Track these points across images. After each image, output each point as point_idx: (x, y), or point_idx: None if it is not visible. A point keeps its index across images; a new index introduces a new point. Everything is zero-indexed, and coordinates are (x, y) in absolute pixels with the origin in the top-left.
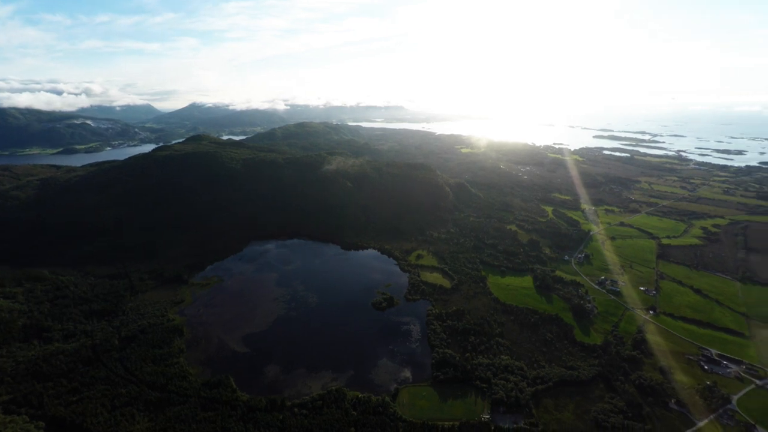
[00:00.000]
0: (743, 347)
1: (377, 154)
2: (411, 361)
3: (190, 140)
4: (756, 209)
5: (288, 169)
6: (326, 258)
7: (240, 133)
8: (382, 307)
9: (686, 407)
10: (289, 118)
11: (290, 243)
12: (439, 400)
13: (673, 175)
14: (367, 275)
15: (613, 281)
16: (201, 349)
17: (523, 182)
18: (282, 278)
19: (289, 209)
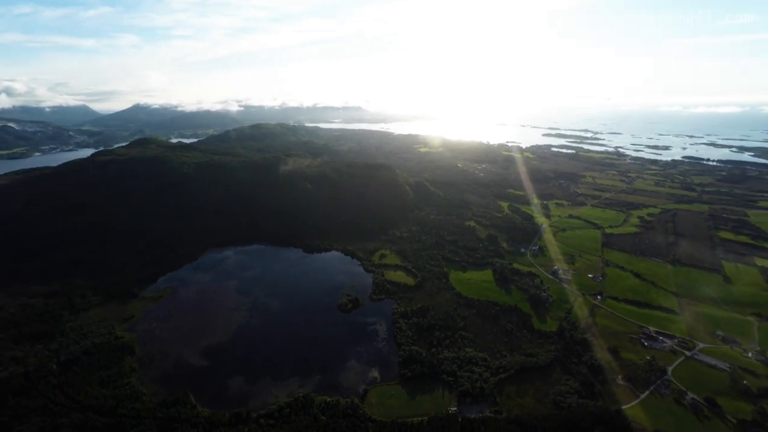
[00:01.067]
0: (675, 323)
1: (337, 154)
2: (378, 360)
3: (135, 144)
4: (682, 198)
5: (244, 172)
6: (288, 262)
7: (191, 136)
8: (348, 308)
9: (631, 382)
10: (244, 120)
11: (250, 249)
12: (407, 397)
13: (613, 170)
14: (330, 277)
15: (565, 270)
16: (156, 367)
17: (479, 180)
18: (242, 285)
19: (247, 214)
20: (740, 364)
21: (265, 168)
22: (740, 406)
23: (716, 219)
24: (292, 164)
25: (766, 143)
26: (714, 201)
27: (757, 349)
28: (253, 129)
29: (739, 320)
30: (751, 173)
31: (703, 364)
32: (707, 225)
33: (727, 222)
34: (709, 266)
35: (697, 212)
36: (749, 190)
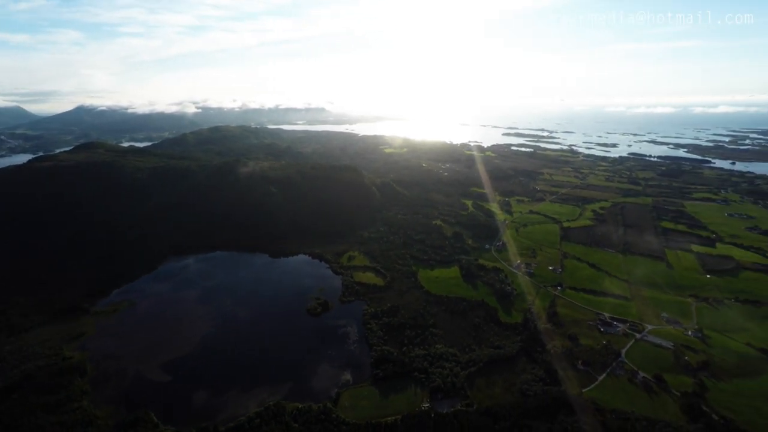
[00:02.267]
0: (627, 308)
1: (301, 157)
2: (351, 362)
3: (80, 148)
4: (629, 192)
5: (204, 176)
6: (254, 268)
7: (144, 140)
8: (317, 312)
9: (590, 366)
10: (202, 122)
11: (212, 256)
12: (380, 398)
13: (568, 166)
14: (299, 282)
15: (527, 264)
16: (111, 386)
17: (444, 179)
18: (205, 295)
19: (209, 220)
20: (682, 342)
21: (226, 172)
22: (683, 380)
23: (658, 210)
24: (254, 167)
25: (697, 140)
26: (656, 194)
27: (695, 327)
28: (212, 132)
29: (680, 302)
30: (686, 168)
31: (651, 345)
32: (651, 216)
33: (668, 213)
34: (654, 254)
35: (642, 205)
36: (685, 183)
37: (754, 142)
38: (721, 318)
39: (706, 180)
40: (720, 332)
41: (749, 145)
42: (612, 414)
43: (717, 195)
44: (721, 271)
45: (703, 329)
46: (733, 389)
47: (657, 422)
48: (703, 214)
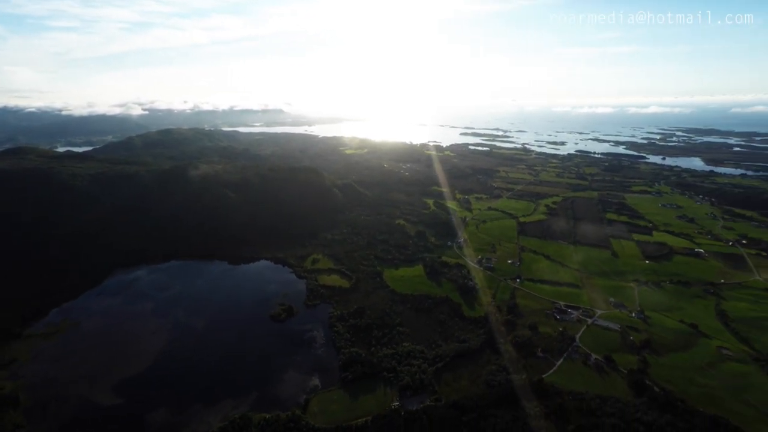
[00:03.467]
0: (579, 296)
1: (259, 159)
2: (318, 367)
3: (6, 154)
4: (577, 187)
5: (154, 182)
6: (212, 276)
7: (83, 144)
8: (282, 318)
9: (548, 353)
10: (149, 125)
11: (166, 266)
12: (350, 400)
13: (522, 164)
14: (261, 288)
15: (488, 259)
16: (52, 416)
17: (405, 179)
18: (160, 307)
19: (161, 228)
20: (627, 324)
21: (178, 176)
22: (628, 359)
23: (604, 203)
24: (209, 171)
25: (633, 138)
26: (601, 188)
27: (638, 309)
28: (162, 135)
29: (625, 287)
30: (625, 163)
31: (601, 328)
32: (597, 209)
33: (612, 205)
34: (600, 244)
35: (589, 198)
36: (625, 177)
37: (679, 139)
38: (659, 299)
39: (643, 174)
40: (658, 312)
41: (676, 142)
42: (569, 396)
43: (652, 188)
44: (657, 257)
45: (644, 310)
46: (671, 363)
47: (608, 399)
48: (641, 205)
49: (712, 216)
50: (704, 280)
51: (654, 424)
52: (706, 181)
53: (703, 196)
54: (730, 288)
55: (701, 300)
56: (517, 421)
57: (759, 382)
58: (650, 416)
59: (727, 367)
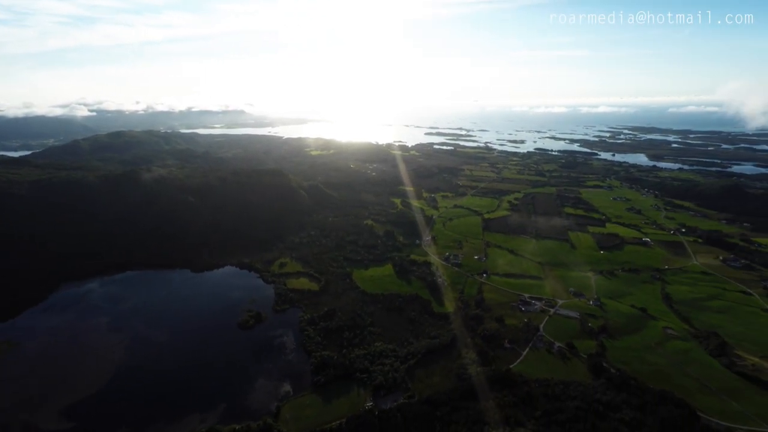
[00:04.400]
0: (542, 287)
1: (221, 162)
2: (289, 373)
3: None
4: (537, 183)
5: (106, 188)
6: (174, 286)
7: (20, 148)
8: (250, 325)
9: (515, 343)
10: (98, 128)
11: (122, 277)
12: (323, 404)
13: (485, 162)
14: (227, 295)
15: (455, 255)
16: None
17: (372, 179)
18: (116, 321)
19: (115, 237)
20: (586, 311)
21: (133, 182)
22: (588, 344)
23: (561, 198)
24: (167, 175)
25: (586, 136)
26: (558, 183)
27: (595, 297)
28: (112, 138)
29: (583, 277)
30: (580, 160)
31: (563, 317)
32: (556, 203)
33: (569, 200)
34: (560, 237)
35: (548, 194)
36: (580, 173)
37: (626, 137)
38: (613, 286)
39: (595, 170)
40: (612, 299)
41: (623, 140)
42: (535, 383)
43: (604, 182)
44: (610, 247)
45: (600, 298)
46: (624, 345)
47: (571, 384)
48: (595, 199)
49: (656, 207)
50: (651, 267)
51: (611, 403)
52: (650, 175)
53: (648, 189)
54: (673, 273)
55: (649, 285)
56: (488, 412)
57: (698, 357)
58: (608, 396)
59: (672, 345)
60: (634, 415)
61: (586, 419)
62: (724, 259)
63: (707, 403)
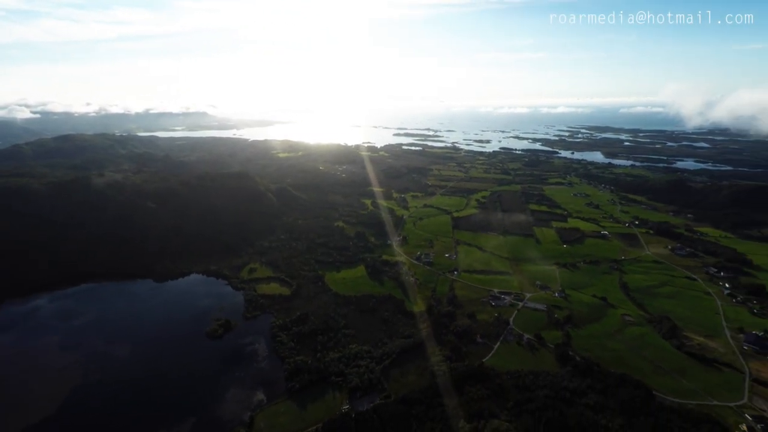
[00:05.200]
0: (510, 282)
1: (184, 166)
2: (262, 381)
3: None
4: (503, 181)
5: (55, 196)
6: (135, 297)
7: None
8: (219, 334)
9: (486, 338)
10: (42, 130)
11: (75, 291)
12: (298, 410)
13: (453, 162)
14: (194, 304)
15: (426, 254)
16: None
17: (342, 180)
18: (69, 339)
19: (66, 249)
20: (552, 303)
21: (84, 188)
22: (555, 334)
23: (526, 195)
24: (125, 181)
25: (547, 135)
26: (523, 181)
27: (559, 288)
28: (59, 141)
29: (548, 270)
30: (542, 158)
31: (531, 309)
32: (521, 201)
33: (533, 197)
34: (525, 232)
35: (514, 191)
36: (542, 171)
37: (584, 136)
38: (576, 278)
39: (556, 168)
40: (576, 290)
41: (581, 139)
42: (507, 375)
43: (564, 179)
44: (572, 241)
45: (564, 289)
46: (588, 334)
47: (540, 374)
48: (557, 195)
49: (612, 202)
50: (609, 258)
51: (577, 389)
52: (606, 171)
53: (605, 185)
54: (629, 263)
55: (608, 275)
56: (462, 407)
57: (652, 341)
58: (574, 383)
59: (630, 331)
60: (597, 399)
61: (554, 407)
62: (672, 248)
63: (661, 382)
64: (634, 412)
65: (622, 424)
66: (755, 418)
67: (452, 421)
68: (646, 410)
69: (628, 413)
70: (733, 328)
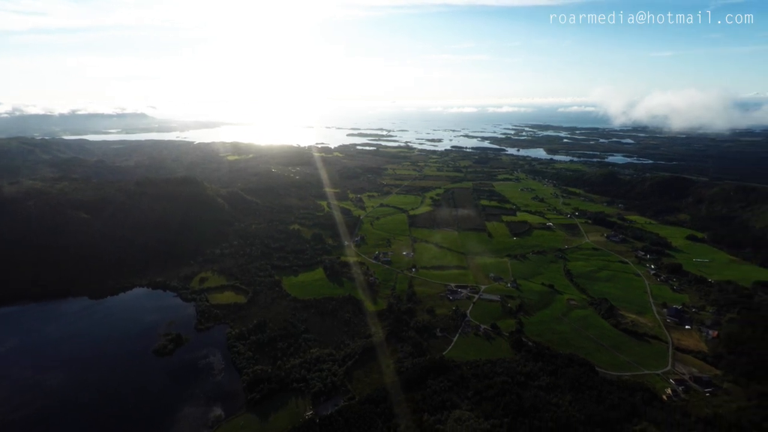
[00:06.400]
0: (466, 275)
1: (121, 172)
2: (220, 395)
3: None
4: (455, 179)
5: None
6: (68, 318)
7: None
8: (169, 350)
9: (446, 331)
10: None
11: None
12: (260, 422)
13: (407, 161)
14: (138, 320)
15: (384, 253)
16: None
17: (296, 182)
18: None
19: None
20: (505, 293)
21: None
22: (508, 323)
23: (477, 192)
24: (46, 189)
25: (494, 134)
26: (474, 178)
27: (511, 279)
28: None
29: (500, 262)
30: (491, 155)
31: (486, 301)
32: (473, 197)
33: (484, 193)
34: (478, 227)
35: (466, 188)
36: (491, 167)
37: (527, 134)
38: (526, 268)
39: (504, 164)
40: (526, 279)
41: (525, 136)
42: (466, 366)
43: (512, 175)
44: (521, 233)
45: (516, 280)
46: (538, 320)
47: (497, 362)
48: (506, 191)
49: (555, 195)
50: (555, 248)
51: (531, 373)
52: (549, 167)
53: (548, 180)
54: (571, 251)
55: (554, 264)
56: (425, 400)
57: (594, 321)
58: (528, 367)
59: (574, 314)
60: (549, 380)
61: (511, 391)
62: (607, 236)
63: (602, 358)
64: (581, 387)
65: (571, 400)
66: (677, 382)
67: (416, 416)
68: (590, 385)
69: (576, 390)
70: (658, 304)
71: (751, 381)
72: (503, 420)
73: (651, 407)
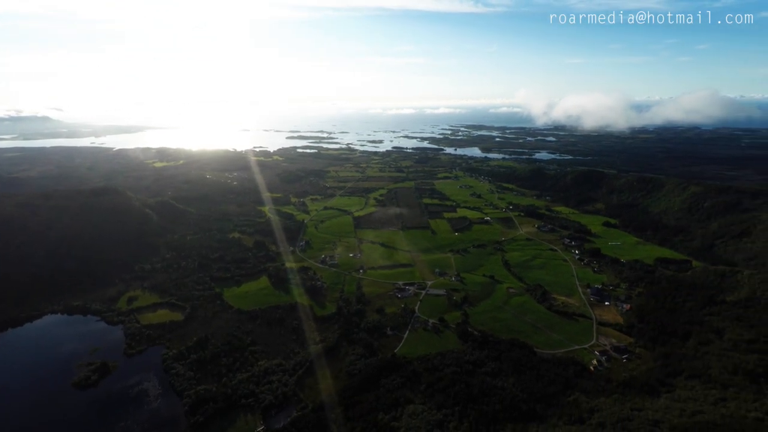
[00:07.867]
0: (413, 273)
1: (20, 184)
2: (157, 423)
3: None
4: (397, 179)
5: None
6: None
7: None
8: (92, 381)
9: (396, 329)
10: None
11: None
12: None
13: (349, 163)
14: (52, 351)
15: (331, 256)
16: None
17: (234, 188)
18: None
19: None
20: (450, 287)
21: None
22: (455, 315)
23: (419, 191)
24: None
25: (433, 134)
26: (415, 178)
27: (455, 273)
28: None
29: (444, 258)
30: (431, 155)
31: (433, 296)
32: (415, 196)
33: (425, 191)
34: (422, 225)
35: (408, 188)
36: (432, 167)
37: (463, 134)
38: (468, 262)
39: (443, 163)
40: (469, 272)
41: (461, 136)
42: (418, 361)
43: (451, 173)
44: (462, 229)
45: (460, 273)
46: (481, 310)
47: (446, 354)
48: (446, 189)
49: (491, 191)
50: (493, 241)
51: (477, 361)
52: (484, 165)
53: (484, 177)
54: (508, 243)
55: (493, 256)
56: (379, 399)
57: (530, 306)
58: (475, 356)
59: (513, 301)
60: (494, 366)
61: (460, 380)
62: (539, 227)
63: (539, 339)
64: (522, 369)
65: (514, 381)
66: (601, 353)
67: (371, 416)
68: (530, 365)
69: (518, 371)
70: (583, 285)
71: (656, 344)
72: (454, 409)
73: (581, 378)
